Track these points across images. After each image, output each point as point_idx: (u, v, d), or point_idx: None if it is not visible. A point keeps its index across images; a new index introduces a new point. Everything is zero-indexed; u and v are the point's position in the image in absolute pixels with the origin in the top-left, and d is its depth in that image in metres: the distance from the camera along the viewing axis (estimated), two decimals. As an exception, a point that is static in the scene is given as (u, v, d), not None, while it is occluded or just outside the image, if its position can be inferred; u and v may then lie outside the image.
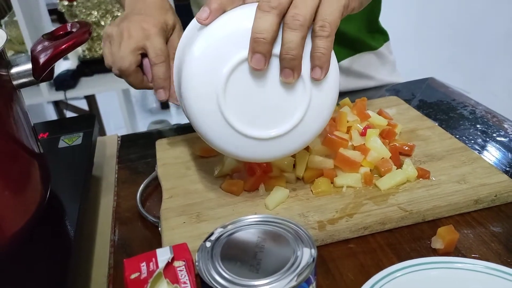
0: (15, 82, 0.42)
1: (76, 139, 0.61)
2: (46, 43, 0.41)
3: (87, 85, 1.91)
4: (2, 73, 0.40)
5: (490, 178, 0.54)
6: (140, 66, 0.59)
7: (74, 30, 0.45)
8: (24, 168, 0.46)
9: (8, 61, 0.42)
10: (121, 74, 0.58)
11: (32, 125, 0.48)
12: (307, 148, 0.57)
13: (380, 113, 0.66)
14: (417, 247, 0.48)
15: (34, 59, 0.40)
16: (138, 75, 0.59)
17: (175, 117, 3.15)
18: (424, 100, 0.80)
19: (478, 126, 0.69)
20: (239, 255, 0.32)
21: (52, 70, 0.43)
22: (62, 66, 2.15)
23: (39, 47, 0.41)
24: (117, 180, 0.65)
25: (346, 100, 0.66)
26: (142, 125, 2.69)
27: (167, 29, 0.60)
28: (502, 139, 0.66)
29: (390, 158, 0.56)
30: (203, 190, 0.57)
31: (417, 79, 0.90)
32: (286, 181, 0.56)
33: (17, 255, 0.43)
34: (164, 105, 3.33)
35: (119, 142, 0.76)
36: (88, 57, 1.98)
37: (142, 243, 0.53)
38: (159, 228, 0.52)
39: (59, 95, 1.85)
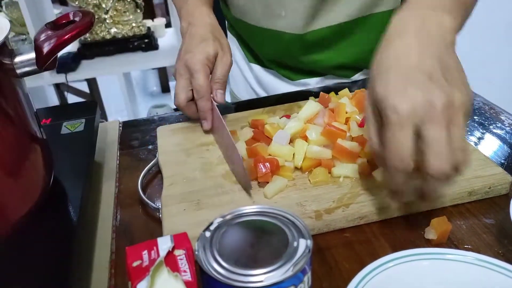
0: (18, 71, 0.42)
1: (78, 125, 0.62)
2: (49, 33, 0.42)
3: (88, 68, 1.91)
4: (6, 61, 0.41)
5: (485, 171, 0.55)
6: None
7: (76, 19, 0.45)
8: (28, 154, 0.47)
9: (12, 50, 0.42)
10: (181, 109, 0.68)
11: (35, 111, 0.48)
12: (305, 138, 0.58)
13: None
14: (411, 237, 0.49)
15: (37, 49, 0.41)
16: (190, 108, 0.67)
17: (175, 101, 3.15)
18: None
19: (475, 117, 0.70)
20: (237, 245, 0.33)
21: (56, 59, 0.43)
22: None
23: (43, 36, 0.41)
24: (119, 166, 0.66)
25: (345, 91, 0.67)
26: (143, 109, 2.69)
27: (210, 61, 0.66)
28: (499, 131, 0.67)
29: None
30: (203, 177, 0.58)
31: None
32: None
33: (21, 240, 0.44)
34: (165, 89, 3.33)
35: (121, 128, 0.76)
36: (89, 40, 1.97)
37: (143, 229, 0.54)
38: (160, 215, 0.54)
39: (60, 78, 1.85)
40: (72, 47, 2.07)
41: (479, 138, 0.65)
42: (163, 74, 3.24)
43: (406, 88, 0.41)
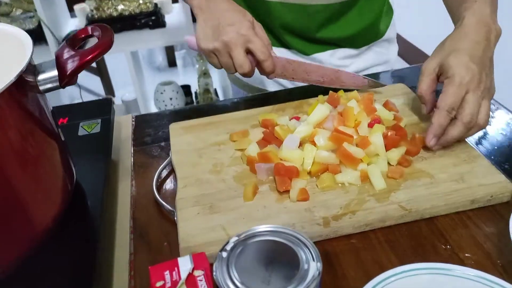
0: (41, 87, 0.44)
1: (95, 126, 0.64)
2: (71, 52, 0.43)
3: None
4: (29, 79, 0.43)
5: (488, 178, 0.57)
6: None
7: (95, 34, 0.46)
8: (53, 163, 0.49)
9: (35, 67, 0.44)
10: (245, 76, 0.70)
11: (51, 109, 0.50)
12: (314, 143, 0.60)
13: (386, 104, 0.68)
14: (414, 245, 0.52)
15: (60, 68, 0.43)
16: (252, 70, 0.71)
17: (182, 76, 3.15)
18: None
19: (481, 119, 0.71)
20: (252, 266, 0.36)
21: (77, 76, 0.45)
22: (70, 25, 2.14)
23: (65, 55, 0.43)
24: (133, 165, 0.69)
25: (354, 93, 0.68)
26: (150, 84, 2.69)
27: (255, 27, 0.70)
28: (503, 133, 0.68)
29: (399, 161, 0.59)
30: (215, 180, 0.61)
31: (426, 63, 0.90)
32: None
33: (48, 244, 0.47)
34: (171, 63, 3.32)
35: (134, 123, 0.78)
36: (96, 16, 1.97)
37: (159, 230, 0.57)
38: (175, 218, 0.56)
39: (68, 56, 1.85)
40: (79, 23, 2.06)
41: (484, 141, 0.67)
42: (169, 48, 3.23)
43: (471, 66, 0.59)
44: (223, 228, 0.53)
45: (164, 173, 0.66)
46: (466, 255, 0.50)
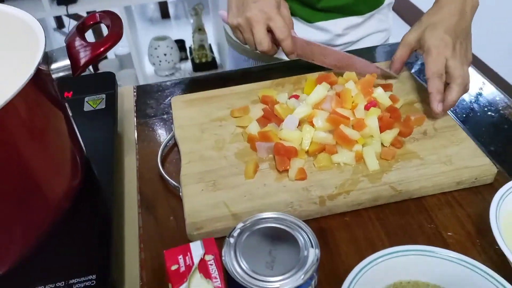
0: (54, 76, 0.46)
1: (100, 101, 0.66)
2: (83, 43, 0.44)
3: (89, 1, 1.87)
4: (43, 69, 0.44)
5: (473, 161, 0.60)
6: None
7: (103, 21, 0.48)
8: (64, 141, 0.52)
9: (47, 56, 0.45)
10: (264, 53, 0.72)
11: (64, 105, 0.52)
12: (312, 124, 0.63)
13: (385, 86, 0.70)
14: (403, 223, 0.56)
15: (73, 58, 0.44)
16: (273, 48, 0.73)
17: (175, 29, 3.10)
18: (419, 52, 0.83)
19: (471, 97, 0.74)
20: (256, 251, 0.40)
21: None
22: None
23: (77, 45, 0.44)
24: (137, 138, 0.71)
25: (352, 74, 0.70)
26: (143, 37, 2.66)
27: (280, 6, 0.71)
28: (492, 114, 0.72)
29: (392, 142, 0.63)
30: (217, 157, 0.64)
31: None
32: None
33: (66, 220, 0.51)
34: (164, 14, 3.25)
35: (135, 95, 0.80)
36: (88, -32, 1.91)
37: (165, 204, 0.60)
38: (180, 193, 0.60)
39: (61, 10, 1.82)
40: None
41: (472, 122, 0.70)
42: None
43: (444, 37, 0.66)
44: (225, 205, 0.57)
45: (168, 147, 0.69)
46: (449, 234, 0.54)
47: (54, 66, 0.45)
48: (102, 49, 0.44)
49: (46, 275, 0.44)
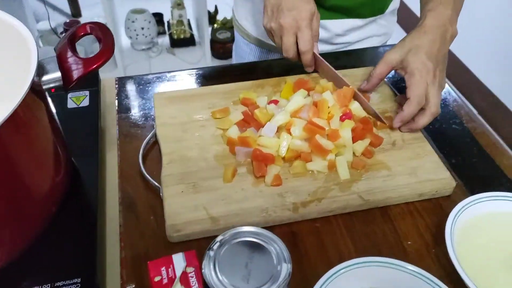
0: (44, 87, 0.47)
1: (83, 98, 0.67)
2: (75, 58, 0.46)
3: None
4: (35, 80, 0.45)
5: (435, 174, 0.65)
6: None
7: (93, 33, 0.49)
8: (53, 154, 0.53)
9: (39, 68, 0.46)
10: (289, 60, 0.76)
11: (60, 127, 0.53)
12: (289, 131, 0.66)
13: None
14: (368, 231, 0.60)
15: (65, 73, 0.45)
16: (296, 58, 0.77)
17: (153, 3, 3.03)
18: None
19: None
20: (234, 265, 0.43)
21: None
22: None
23: (69, 60, 0.45)
24: (119, 133, 0.73)
25: (330, 85, 0.74)
26: (119, 7, 2.59)
27: (313, 18, 0.74)
28: (456, 126, 0.76)
29: (363, 152, 0.67)
30: (197, 158, 0.67)
31: (398, 43, 0.95)
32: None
33: (53, 222, 0.53)
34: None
35: (117, 87, 0.81)
36: None
37: (146, 203, 0.63)
38: (161, 194, 0.63)
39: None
40: None
41: (437, 134, 0.75)
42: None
43: (427, 62, 0.68)
44: (204, 208, 0.60)
45: (150, 143, 0.71)
46: (409, 243, 0.60)
47: (45, 78, 0.46)
48: (95, 65, 0.46)
49: (32, 278, 0.46)
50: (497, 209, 0.59)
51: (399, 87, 0.82)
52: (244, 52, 1.07)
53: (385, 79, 0.83)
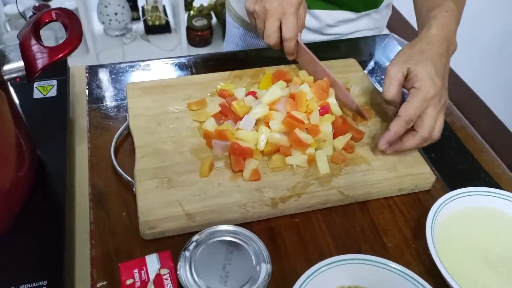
0: (6, 77, 0.43)
1: (50, 88, 0.63)
2: (39, 47, 0.42)
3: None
4: (-6, 70, 0.42)
5: (415, 168, 0.65)
6: None
7: (59, 20, 0.45)
8: (16, 150, 0.50)
9: (1, 58, 0.43)
10: (270, 46, 0.73)
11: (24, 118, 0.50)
12: (268, 125, 0.64)
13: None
14: (347, 226, 0.59)
15: (27, 62, 0.42)
16: (279, 45, 0.73)
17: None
18: (379, 64, 0.86)
19: (419, 103, 0.78)
20: (211, 266, 0.42)
21: (43, 71, 0.45)
22: None
23: (33, 48, 0.42)
24: (89, 125, 0.69)
25: (309, 78, 0.72)
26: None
27: (300, 6, 0.71)
28: (436, 120, 0.76)
29: (343, 147, 0.65)
30: (172, 152, 0.64)
31: (378, 35, 0.94)
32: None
33: (17, 219, 0.50)
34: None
35: (87, 76, 0.77)
36: None
37: (118, 198, 0.60)
38: (134, 189, 0.60)
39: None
40: None
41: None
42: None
43: (434, 81, 0.61)
44: (179, 204, 0.58)
45: (122, 136, 0.68)
46: (389, 238, 0.59)
47: (6, 67, 0.43)
48: (61, 55, 0.42)
49: (-5, 280, 0.43)
50: (477, 204, 0.59)
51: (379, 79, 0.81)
52: (233, 36, 1.04)
53: (365, 72, 0.82)
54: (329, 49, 0.90)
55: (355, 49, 0.91)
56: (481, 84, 2.16)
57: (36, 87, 0.63)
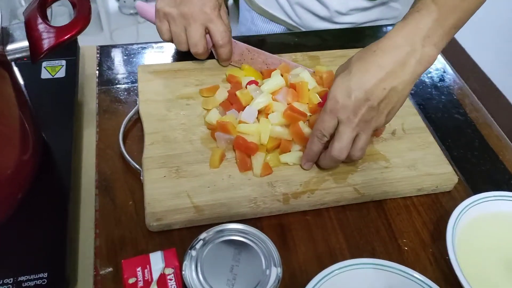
0: (9, 57, 0.41)
1: (59, 69, 0.61)
2: (45, 26, 0.40)
3: None
4: (-4, 49, 0.40)
5: (436, 168, 0.61)
6: None
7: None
8: (14, 117, 0.48)
9: (3, 35, 0.40)
10: (196, 55, 0.68)
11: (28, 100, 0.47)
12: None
13: None
14: (361, 226, 0.57)
15: (32, 41, 0.39)
16: (207, 52, 0.69)
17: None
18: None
19: (442, 97, 0.75)
20: (218, 267, 0.39)
21: (49, 52, 0.42)
22: None
23: (39, 27, 0.39)
24: (99, 108, 0.67)
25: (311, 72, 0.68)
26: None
27: (221, 8, 0.67)
28: (459, 116, 0.72)
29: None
30: (182, 140, 0.61)
31: (402, 23, 0.90)
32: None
33: (21, 204, 0.48)
34: None
35: (98, 57, 0.75)
36: None
37: (124, 186, 0.58)
38: (141, 177, 0.58)
39: None
40: None
41: (439, 124, 0.70)
42: None
43: (349, 95, 0.51)
44: (188, 195, 0.55)
45: (131, 121, 0.65)
46: (404, 240, 0.56)
47: (10, 47, 0.40)
48: (68, 35, 0.40)
49: (-7, 270, 0.41)
50: (501, 209, 0.56)
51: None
52: (245, 20, 1.01)
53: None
54: (343, 38, 0.86)
55: (376, 38, 0.86)
56: (505, 79, 2.09)
57: (44, 67, 0.61)
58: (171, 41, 0.69)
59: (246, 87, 0.65)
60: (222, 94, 0.66)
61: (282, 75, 0.66)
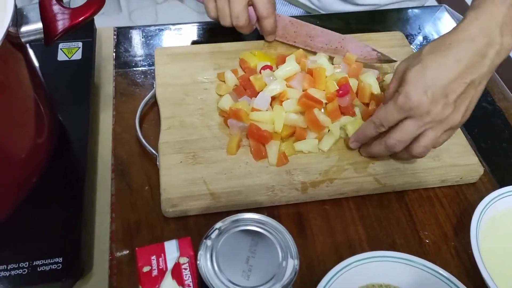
0: (23, 40, 0.40)
1: (75, 51, 0.60)
2: (60, 8, 0.38)
3: None
4: (11, 31, 0.39)
5: (461, 159, 0.59)
6: None
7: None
8: (28, 100, 0.47)
9: (17, 16, 0.39)
10: (237, 29, 0.67)
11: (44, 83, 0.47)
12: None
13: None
14: (381, 217, 0.55)
15: (46, 23, 0.38)
16: (250, 25, 0.67)
17: None
18: (428, 39, 0.79)
19: (469, 85, 0.71)
20: (233, 258, 0.38)
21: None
22: None
23: (54, 8, 0.38)
24: (115, 91, 0.66)
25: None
26: None
27: None
28: (487, 105, 0.69)
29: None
30: (199, 125, 0.60)
31: (429, 6, 0.86)
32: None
33: (37, 186, 0.47)
34: None
35: (115, 39, 0.74)
36: None
37: (141, 171, 0.57)
38: (157, 162, 0.57)
39: None
40: None
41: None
42: None
43: (426, 93, 0.48)
44: (204, 182, 0.55)
45: (148, 105, 0.64)
46: (426, 233, 0.54)
47: (24, 29, 0.39)
48: (83, 17, 0.39)
49: (8, 254, 0.41)
50: (528, 203, 0.53)
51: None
52: None
53: (412, 47, 0.75)
54: (366, 21, 0.82)
55: (401, 21, 0.83)
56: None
57: (60, 49, 0.60)
58: (217, 19, 0.67)
59: (260, 72, 0.63)
60: (231, 79, 0.64)
61: (299, 62, 0.64)
